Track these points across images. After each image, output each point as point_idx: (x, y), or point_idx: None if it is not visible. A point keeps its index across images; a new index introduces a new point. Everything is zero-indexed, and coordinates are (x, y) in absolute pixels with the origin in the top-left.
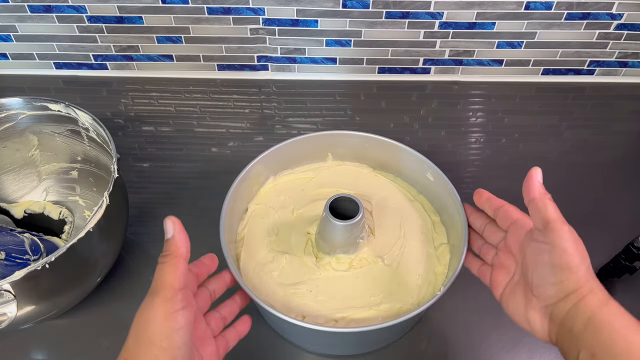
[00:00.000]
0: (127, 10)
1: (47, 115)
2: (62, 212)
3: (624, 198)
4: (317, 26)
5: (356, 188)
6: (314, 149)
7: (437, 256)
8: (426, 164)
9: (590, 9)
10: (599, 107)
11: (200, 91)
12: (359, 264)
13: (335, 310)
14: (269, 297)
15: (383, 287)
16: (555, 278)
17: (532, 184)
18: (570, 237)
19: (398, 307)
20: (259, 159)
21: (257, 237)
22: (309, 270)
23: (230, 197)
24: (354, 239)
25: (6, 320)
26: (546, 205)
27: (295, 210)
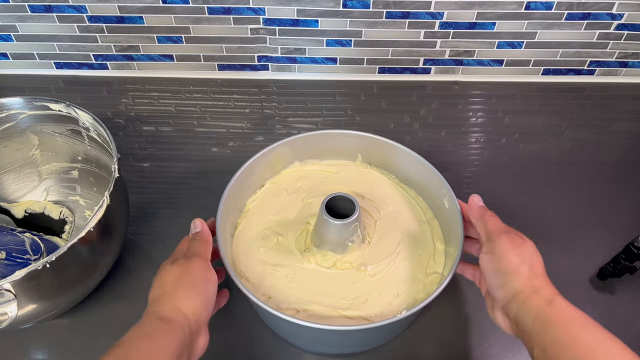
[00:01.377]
0: (128, 10)
1: (48, 115)
2: (62, 212)
3: (624, 198)
4: (318, 26)
5: (373, 194)
6: (344, 146)
7: (425, 283)
8: (445, 189)
9: (590, 9)
10: (599, 107)
11: (201, 91)
12: (342, 266)
13: (301, 300)
14: (247, 269)
15: (356, 295)
16: (500, 281)
17: (472, 207)
18: (507, 244)
19: (361, 318)
20: (286, 141)
21: (260, 213)
22: (293, 256)
23: (246, 168)
24: (343, 240)
25: (7, 319)
26: (486, 220)
27: (306, 198)
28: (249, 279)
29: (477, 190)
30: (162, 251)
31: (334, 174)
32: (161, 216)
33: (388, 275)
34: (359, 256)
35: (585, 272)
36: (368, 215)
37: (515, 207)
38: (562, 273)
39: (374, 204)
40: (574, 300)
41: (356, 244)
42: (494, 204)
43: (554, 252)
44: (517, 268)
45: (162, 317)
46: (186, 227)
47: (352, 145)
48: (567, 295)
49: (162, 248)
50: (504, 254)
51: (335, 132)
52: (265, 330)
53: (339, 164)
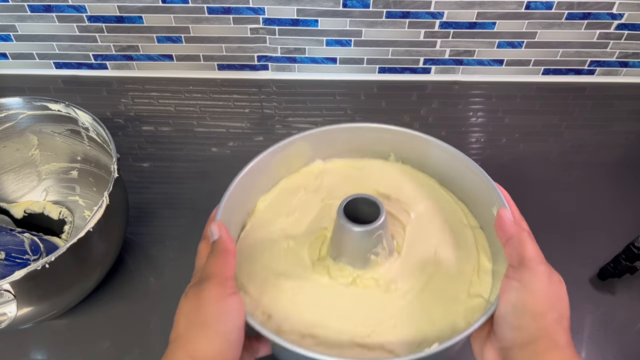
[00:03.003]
0: (127, 10)
1: (47, 115)
2: (62, 212)
3: (624, 198)
4: (318, 26)
5: (400, 193)
6: (374, 142)
7: (467, 308)
8: (495, 196)
9: (590, 9)
10: (599, 107)
11: (200, 91)
12: (362, 284)
13: (307, 322)
14: (248, 278)
15: (379, 320)
16: (515, 321)
17: (505, 223)
18: (543, 279)
19: (384, 350)
20: (304, 135)
21: (272, 213)
22: (302, 266)
23: (257, 163)
24: (364, 252)
25: (6, 320)
26: (524, 242)
27: (326, 199)
28: (248, 290)
29: None
30: (162, 251)
31: (358, 171)
32: (161, 216)
33: (421, 295)
34: (386, 272)
35: (586, 272)
36: (395, 220)
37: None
38: (562, 273)
39: (402, 205)
40: (574, 300)
41: (380, 258)
42: None
43: (554, 252)
44: (544, 312)
45: None
46: (186, 227)
47: (384, 142)
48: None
49: (162, 248)
50: (536, 290)
51: (364, 125)
52: None
53: (366, 161)
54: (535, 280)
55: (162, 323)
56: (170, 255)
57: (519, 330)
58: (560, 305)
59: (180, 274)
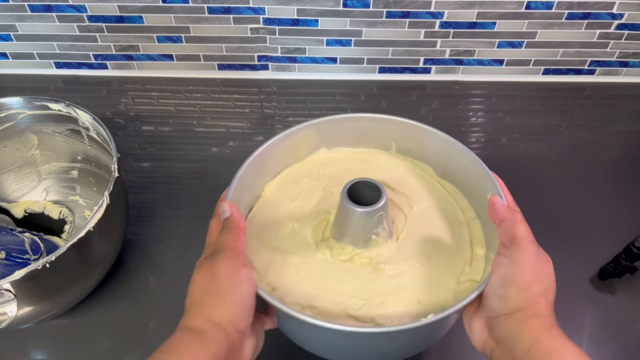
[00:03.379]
0: (127, 10)
1: (47, 115)
2: (62, 212)
3: (624, 198)
4: (318, 26)
5: (405, 188)
6: (377, 132)
7: (456, 292)
8: (490, 183)
9: (590, 9)
10: (599, 107)
11: (201, 91)
12: (359, 262)
13: (308, 295)
14: (255, 255)
15: (370, 295)
16: (502, 292)
17: (497, 207)
18: (532, 256)
19: (373, 322)
20: (311, 124)
21: (277, 198)
22: (306, 246)
23: (265, 149)
24: (367, 231)
25: (6, 319)
26: (516, 223)
27: (328, 187)
28: (255, 266)
29: None
30: (162, 251)
31: (362, 162)
32: (161, 216)
33: (411, 279)
34: (381, 253)
35: (586, 272)
36: (398, 210)
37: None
38: (562, 273)
39: (407, 199)
40: (574, 301)
41: (381, 238)
42: None
43: (554, 252)
44: (530, 285)
45: (193, 330)
46: (186, 227)
47: (386, 132)
48: (567, 295)
49: (162, 248)
50: (525, 266)
51: (368, 116)
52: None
53: (370, 152)
54: (524, 256)
55: (162, 323)
56: (170, 255)
57: (506, 300)
58: (546, 280)
59: (180, 274)
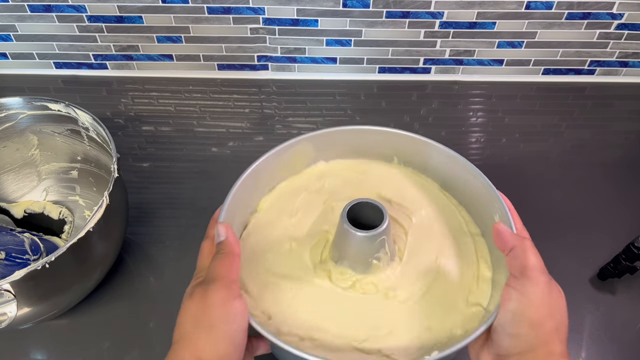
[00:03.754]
0: (127, 10)
1: (47, 115)
2: (62, 212)
3: (624, 198)
4: (318, 26)
5: (402, 197)
6: (377, 145)
7: (465, 316)
8: (498, 204)
9: (590, 9)
10: (599, 107)
11: (200, 91)
12: (362, 289)
13: (306, 325)
14: (249, 278)
15: (377, 325)
16: (513, 329)
17: (505, 235)
18: (544, 289)
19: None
20: (305, 137)
21: (274, 213)
22: (303, 269)
23: (259, 164)
24: (367, 256)
25: (6, 320)
26: (526, 251)
27: (328, 201)
28: (249, 290)
29: None
30: (162, 251)
31: (360, 175)
32: (161, 216)
33: (419, 303)
34: (387, 278)
35: (586, 272)
36: (396, 225)
37: (514, 207)
38: (562, 273)
39: (403, 210)
40: (574, 301)
41: (382, 263)
42: None
43: (554, 252)
44: (543, 321)
45: None
46: (186, 227)
47: (386, 145)
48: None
49: (162, 248)
50: (536, 300)
51: (367, 128)
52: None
53: (369, 164)
54: (535, 290)
55: (162, 323)
56: (170, 255)
57: (517, 338)
58: (559, 315)
59: (180, 274)
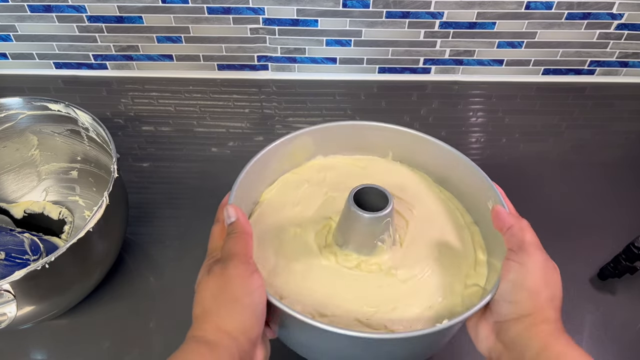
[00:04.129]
0: (127, 10)
1: (47, 115)
2: (61, 212)
3: (624, 198)
4: (317, 26)
5: (404, 193)
6: (374, 140)
7: (464, 296)
8: (491, 192)
9: (590, 9)
10: (599, 107)
11: (200, 91)
12: (367, 268)
13: (317, 303)
14: (259, 262)
15: (382, 302)
16: (513, 297)
17: (503, 215)
18: (541, 262)
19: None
20: (307, 131)
21: (277, 204)
22: (310, 252)
23: (263, 156)
24: (372, 238)
25: (6, 320)
26: (524, 228)
27: (329, 192)
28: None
29: None
30: (162, 251)
31: (360, 169)
32: (161, 216)
33: (421, 283)
34: (389, 259)
35: (586, 272)
36: (399, 216)
37: (514, 207)
38: (562, 273)
39: (406, 204)
40: (574, 301)
41: (386, 245)
42: None
43: (554, 252)
44: (539, 290)
45: (203, 340)
46: (186, 227)
47: (383, 140)
48: (568, 295)
49: (162, 248)
50: (535, 271)
51: (363, 123)
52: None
53: (367, 159)
54: (533, 262)
55: (162, 323)
56: (170, 255)
57: (515, 304)
58: (554, 287)
59: (180, 274)
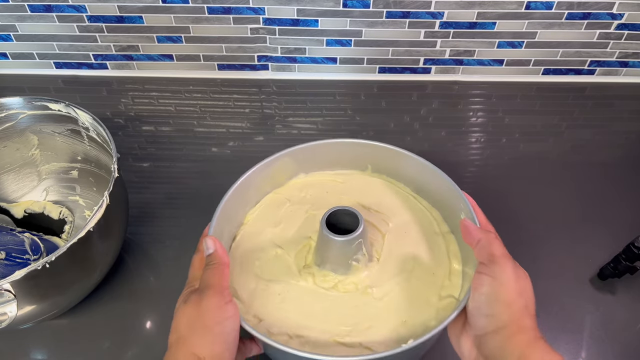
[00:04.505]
0: (127, 10)
1: (47, 115)
2: (62, 212)
3: (624, 198)
4: (318, 26)
5: (380, 205)
6: (352, 155)
7: (438, 308)
8: (463, 204)
9: (590, 9)
10: (599, 107)
11: (201, 91)
12: (344, 288)
13: (293, 325)
14: (240, 285)
15: (357, 320)
16: (488, 310)
17: (471, 230)
18: (511, 272)
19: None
20: (287, 152)
21: (260, 224)
22: (289, 272)
23: (243, 182)
24: (346, 259)
25: (6, 320)
26: (492, 242)
27: (310, 210)
28: (241, 296)
29: (477, 190)
30: (162, 251)
31: (340, 184)
32: (161, 216)
33: (396, 299)
34: (366, 277)
35: (586, 272)
36: (375, 230)
37: (515, 207)
38: (562, 273)
39: (381, 216)
40: (575, 301)
41: (361, 264)
42: (493, 204)
43: (554, 252)
44: (513, 300)
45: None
46: (186, 227)
47: (361, 155)
48: (568, 295)
49: (162, 248)
50: (507, 282)
51: (341, 141)
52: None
53: (347, 174)
54: (504, 273)
55: (162, 323)
56: (170, 255)
57: (492, 317)
58: (527, 295)
59: (180, 274)
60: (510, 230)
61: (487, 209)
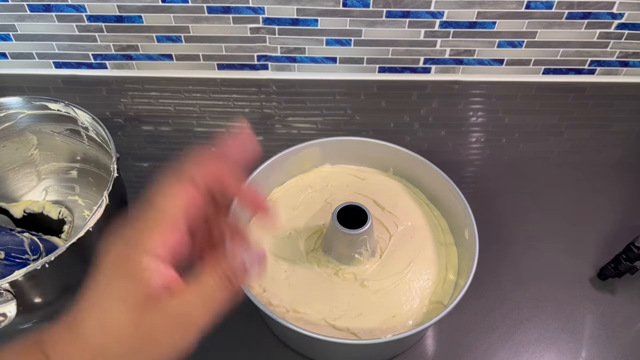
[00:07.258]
0: (127, 10)
1: (47, 115)
2: (61, 212)
3: (624, 198)
4: (317, 25)
5: (394, 207)
6: (376, 155)
7: (425, 311)
8: (468, 220)
9: (591, 9)
10: (600, 107)
11: (200, 90)
12: (343, 277)
13: (292, 300)
14: None
15: (350, 307)
16: None
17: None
18: None
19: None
20: (317, 142)
21: (281, 205)
22: (297, 253)
23: (275, 160)
24: (351, 251)
25: (6, 320)
26: None
27: (328, 199)
28: None
29: (477, 190)
30: None
31: (361, 180)
32: None
33: (390, 294)
34: (366, 270)
35: (586, 272)
36: (383, 229)
37: (515, 207)
38: (562, 273)
39: (393, 218)
40: (574, 300)
41: (364, 258)
42: (493, 204)
43: (554, 252)
44: None
45: None
46: None
47: (385, 156)
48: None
49: None
50: None
51: (366, 140)
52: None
53: (369, 171)
54: None
55: None
56: None
57: None
58: None
59: None
60: (510, 230)
61: (487, 208)
